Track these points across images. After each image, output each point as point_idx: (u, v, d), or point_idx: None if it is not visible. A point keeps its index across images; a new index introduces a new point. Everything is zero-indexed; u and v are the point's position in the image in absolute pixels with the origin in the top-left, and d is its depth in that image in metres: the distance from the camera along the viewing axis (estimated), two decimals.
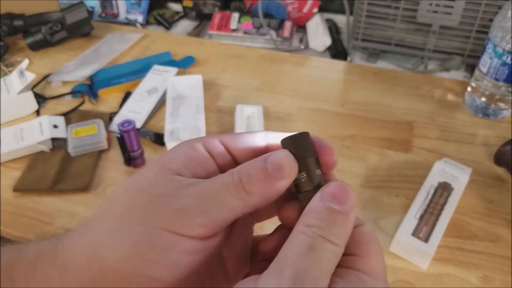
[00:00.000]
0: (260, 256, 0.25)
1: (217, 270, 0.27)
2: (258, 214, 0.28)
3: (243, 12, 1.01)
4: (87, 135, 0.67)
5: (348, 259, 0.22)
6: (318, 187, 0.23)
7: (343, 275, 0.21)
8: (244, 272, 0.27)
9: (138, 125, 0.71)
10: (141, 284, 0.21)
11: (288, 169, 0.22)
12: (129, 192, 0.23)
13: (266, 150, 0.25)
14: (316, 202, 0.22)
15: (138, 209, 0.22)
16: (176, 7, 1.11)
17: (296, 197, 0.24)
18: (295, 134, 0.24)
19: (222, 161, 0.25)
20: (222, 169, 0.24)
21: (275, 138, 0.25)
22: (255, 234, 0.29)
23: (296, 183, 0.24)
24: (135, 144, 0.63)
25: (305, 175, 0.23)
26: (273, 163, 0.22)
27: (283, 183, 0.22)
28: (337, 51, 0.92)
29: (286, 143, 0.24)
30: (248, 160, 0.23)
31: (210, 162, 0.24)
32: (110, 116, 0.73)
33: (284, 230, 0.25)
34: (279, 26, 0.95)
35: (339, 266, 0.22)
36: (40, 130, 0.67)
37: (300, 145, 0.24)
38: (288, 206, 0.24)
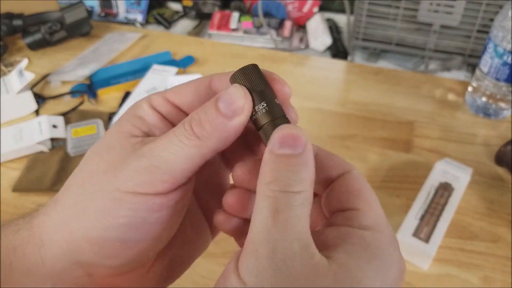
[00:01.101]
0: (226, 210, 0.24)
1: (200, 226, 0.27)
2: (230, 160, 0.27)
3: (243, 12, 1.01)
4: (86, 135, 0.67)
5: (344, 216, 0.21)
6: (279, 118, 0.21)
7: (344, 236, 0.20)
8: None
9: None
10: (117, 249, 0.21)
11: (240, 104, 0.21)
12: (88, 162, 0.23)
13: (213, 94, 0.23)
14: (266, 155, 0.20)
15: (98, 176, 0.21)
16: (175, 6, 1.11)
17: (259, 137, 0.22)
18: (243, 67, 0.22)
19: (172, 117, 0.24)
20: (175, 124, 0.24)
21: (221, 79, 0.24)
22: None
23: (253, 119, 0.22)
24: None
25: (261, 107, 0.21)
26: (224, 100, 0.21)
27: (238, 121, 0.21)
28: (338, 50, 0.92)
29: (235, 78, 0.22)
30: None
31: (160, 120, 0.24)
32: (110, 116, 0.73)
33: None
34: (279, 26, 0.95)
35: (336, 224, 0.20)
36: (39, 130, 0.67)
37: (250, 78, 0.22)
38: (240, 164, 0.23)
